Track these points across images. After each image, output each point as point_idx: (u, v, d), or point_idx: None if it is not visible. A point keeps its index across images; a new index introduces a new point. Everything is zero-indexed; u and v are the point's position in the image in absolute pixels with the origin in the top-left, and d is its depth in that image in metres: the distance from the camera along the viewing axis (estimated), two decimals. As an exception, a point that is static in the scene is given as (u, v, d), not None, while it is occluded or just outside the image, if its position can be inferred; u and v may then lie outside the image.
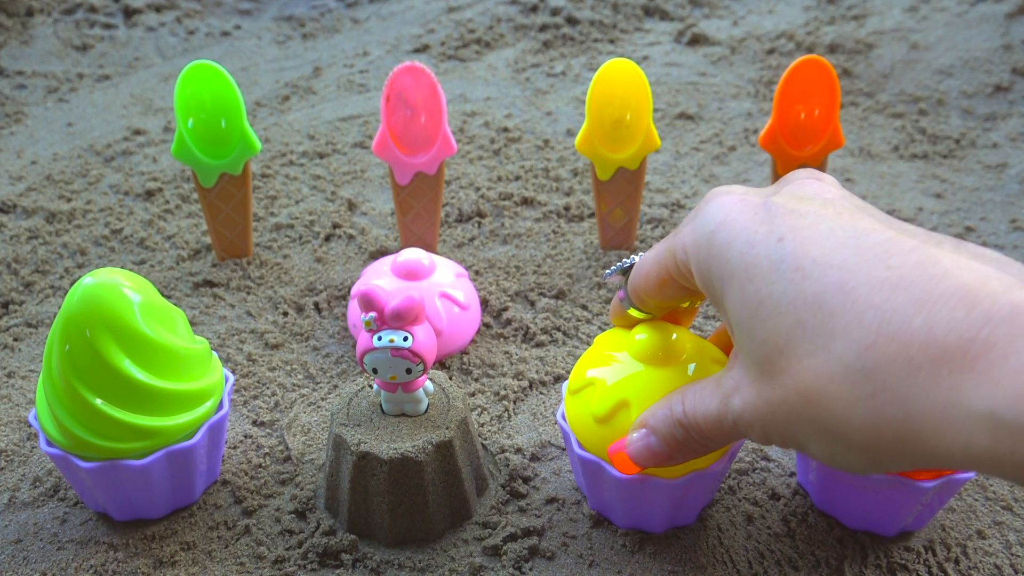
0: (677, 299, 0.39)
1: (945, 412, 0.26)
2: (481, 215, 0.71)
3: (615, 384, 0.40)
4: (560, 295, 0.62)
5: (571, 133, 0.84)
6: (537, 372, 0.55)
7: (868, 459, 0.29)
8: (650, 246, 0.67)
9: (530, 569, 0.43)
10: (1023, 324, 0.25)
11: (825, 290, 0.29)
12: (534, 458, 0.49)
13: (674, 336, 0.40)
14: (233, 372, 0.55)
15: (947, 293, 0.27)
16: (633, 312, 0.41)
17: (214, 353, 0.46)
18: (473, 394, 0.54)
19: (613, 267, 0.42)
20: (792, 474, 0.48)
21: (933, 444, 0.27)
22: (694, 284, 0.36)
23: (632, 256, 0.40)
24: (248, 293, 0.63)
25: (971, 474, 0.41)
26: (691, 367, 0.40)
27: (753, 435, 0.33)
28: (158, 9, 1.12)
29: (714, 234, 0.33)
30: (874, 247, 0.29)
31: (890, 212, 0.71)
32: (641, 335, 0.40)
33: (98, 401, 0.40)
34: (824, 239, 0.30)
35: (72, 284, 0.57)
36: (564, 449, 0.49)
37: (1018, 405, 0.24)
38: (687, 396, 0.36)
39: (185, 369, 0.42)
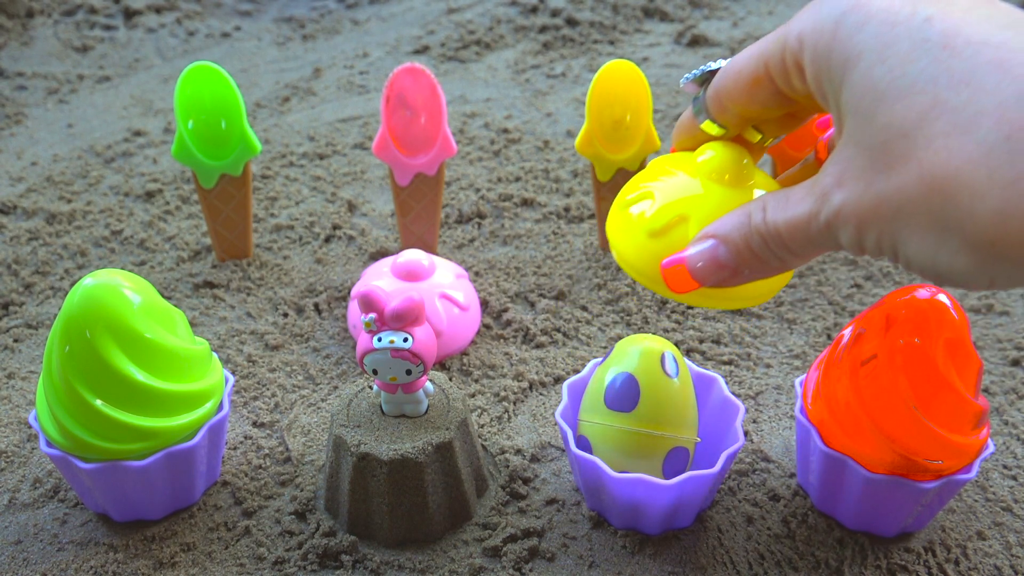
0: (765, 107, 0.34)
1: None
2: (481, 216, 0.71)
3: (674, 199, 0.35)
4: (560, 296, 0.62)
5: (571, 134, 0.84)
6: (537, 373, 0.55)
7: (980, 261, 0.26)
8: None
9: (530, 570, 0.43)
10: None
11: (977, 68, 0.26)
12: (534, 459, 0.49)
13: (745, 160, 0.36)
14: (233, 373, 0.55)
15: None
16: (706, 126, 0.37)
17: (214, 354, 0.46)
18: (473, 395, 0.54)
19: (693, 72, 0.37)
20: (792, 475, 0.48)
21: None
22: (795, 84, 0.32)
23: (718, 60, 0.37)
24: (248, 294, 0.63)
25: (971, 475, 0.41)
26: (758, 194, 0.35)
27: (845, 235, 0.29)
28: (158, 10, 1.12)
29: (844, 16, 0.29)
30: None
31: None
32: (709, 152, 0.36)
33: (98, 402, 0.40)
34: (981, 21, 0.27)
35: (72, 285, 0.57)
36: (564, 450, 0.49)
37: None
38: (768, 202, 0.32)
39: (185, 370, 0.42)
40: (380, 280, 0.56)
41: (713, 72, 0.36)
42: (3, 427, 0.52)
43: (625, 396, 0.42)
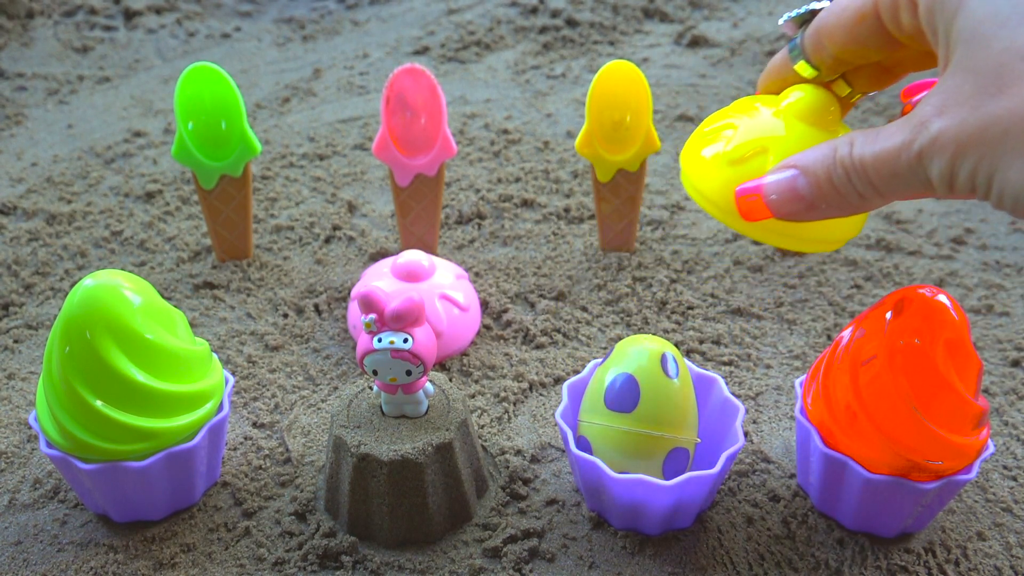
0: (864, 47, 0.34)
1: None
2: (481, 217, 0.71)
3: (757, 133, 0.35)
4: (560, 297, 0.62)
5: (571, 135, 0.84)
6: (537, 374, 0.55)
7: None
8: (651, 248, 0.67)
9: (530, 571, 0.43)
10: None
11: None
12: (534, 460, 0.49)
13: (832, 107, 0.36)
14: (233, 374, 0.55)
15: None
16: (800, 67, 0.37)
17: (214, 355, 0.46)
18: (473, 396, 0.54)
19: (795, 10, 0.36)
20: (792, 476, 0.48)
21: None
22: (902, 20, 0.32)
23: (822, 0, 0.36)
24: (248, 295, 0.63)
25: (971, 476, 0.41)
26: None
27: (937, 166, 0.29)
28: (158, 11, 1.12)
29: None
30: None
31: (889, 212, 0.71)
32: (797, 93, 0.36)
33: (98, 403, 0.40)
34: None
35: (72, 286, 0.57)
36: (564, 451, 0.49)
37: None
38: (856, 138, 0.31)
39: (185, 371, 0.42)
40: (380, 281, 0.56)
41: (814, 12, 0.36)
42: (3, 428, 0.52)
43: (625, 397, 0.42)
